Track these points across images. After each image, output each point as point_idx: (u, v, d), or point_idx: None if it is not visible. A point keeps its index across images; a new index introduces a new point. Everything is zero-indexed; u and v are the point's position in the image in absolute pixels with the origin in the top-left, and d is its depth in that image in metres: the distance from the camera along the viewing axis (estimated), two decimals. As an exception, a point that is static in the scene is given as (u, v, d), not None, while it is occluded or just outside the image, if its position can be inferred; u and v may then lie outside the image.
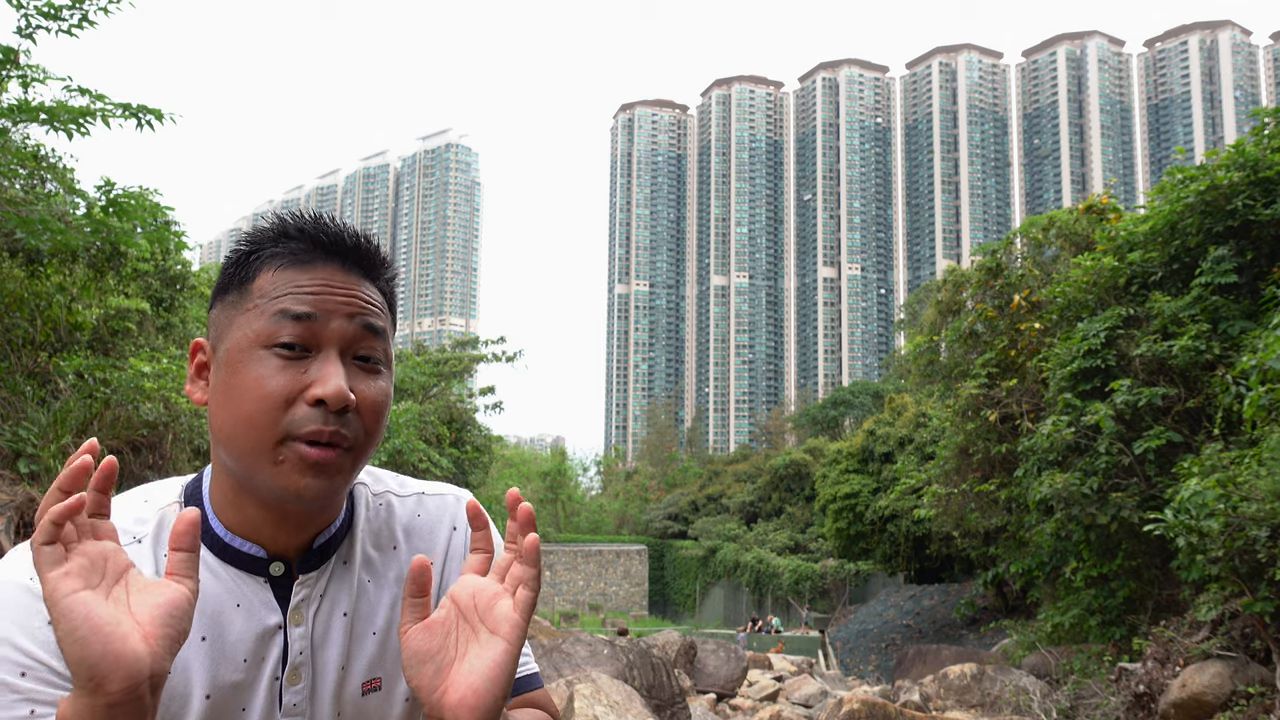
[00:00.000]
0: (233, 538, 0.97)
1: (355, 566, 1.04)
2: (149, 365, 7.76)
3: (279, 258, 0.95)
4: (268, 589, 0.98)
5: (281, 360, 0.91)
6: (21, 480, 6.00)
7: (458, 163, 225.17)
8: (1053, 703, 9.38)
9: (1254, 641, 7.01)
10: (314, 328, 0.93)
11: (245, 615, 0.96)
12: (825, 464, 31.26)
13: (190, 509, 0.79)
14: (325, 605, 1.01)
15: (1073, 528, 10.69)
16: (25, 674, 0.84)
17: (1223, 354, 9.43)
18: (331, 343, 0.93)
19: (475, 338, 31.86)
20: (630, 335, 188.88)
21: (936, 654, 16.36)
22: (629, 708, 6.62)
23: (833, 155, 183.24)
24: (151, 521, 0.97)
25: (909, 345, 26.20)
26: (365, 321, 0.95)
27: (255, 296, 0.94)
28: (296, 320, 0.92)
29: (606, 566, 47.87)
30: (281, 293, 0.93)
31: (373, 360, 0.96)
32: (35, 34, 6.25)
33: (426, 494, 1.12)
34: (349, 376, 0.93)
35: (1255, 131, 10.18)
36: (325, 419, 0.90)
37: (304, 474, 0.91)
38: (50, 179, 7.70)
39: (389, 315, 1.01)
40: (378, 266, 1.00)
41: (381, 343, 0.98)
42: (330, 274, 0.95)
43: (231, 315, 0.95)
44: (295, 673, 0.98)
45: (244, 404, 0.91)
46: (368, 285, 0.98)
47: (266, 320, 0.92)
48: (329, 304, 0.94)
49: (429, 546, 1.09)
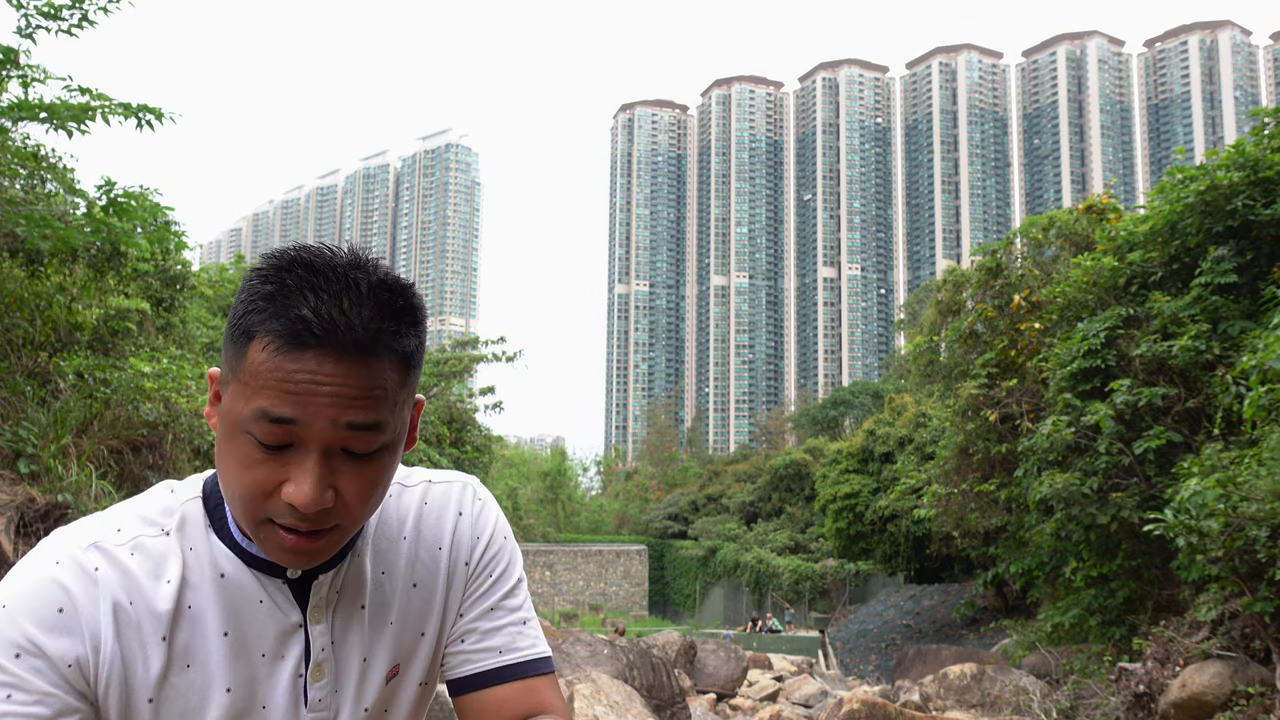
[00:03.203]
0: (250, 544, 0.97)
1: (368, 559, 1.05)
2: (149, 365, 7.76)
3: (270, 334, 0.86)
4: (286, 588, 0.99)
5: (262, 453, 0.87)
6: (21, 480, 6.00)
7: (458, 163, 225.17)
8: (1053, 703, 9.38)
9: (1254, 641, 7.01)
10: (294, 431, 0.86)
11: (267, 611, 0.97)
12: (825, 464, 31.27)
13: None
14: (343, 601, 1.02)
15: (1073, 528, 10.69)
16: (19, 655, 0.85)
17: (1222, 354, 9.43)
18: (313, 442, 0.87)
19: (475, 338, 31.88)
20: (630, 335, 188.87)
21: (936, 654, 16.36)
22: (629, 708, 6.63)
23: (833, 155, 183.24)
24: (177, 514, 0.97)
25: (909, 345, 26.22)
26: (349, 422, 0.87)
27: (247, 369, 0.87)
28: (274, 423, 0.86)
29: (606, 566, 47.88)
30: (266, 382, 0.86)
31: (360, 454, 0.90)
32: (35, 34, 6.25)
33: (433, 481, 1.12)
34: (333, 471, 0.89)
35: (1255, 132, 10.19)
36: (299, 518, 0.88)
37: (284, 554, 0.91)
38: (50, 179, 7.69)
39: (402, 383, 0.91)
40: (383, 343, 0.89)
41: (375, 435, 0.89)
42: (321, 361, 0.85)
43: (231, 371, 0.90)
44: (319, 669, 1.00)
45: (230, 477, 0.89)
46: (372, 364, 0.87)
47: (250, 409, 0.86)
48: (312, 406, 0.85)
49: (435, 534, 1.09)
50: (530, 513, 47.91)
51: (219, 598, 0.95)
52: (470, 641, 1.09)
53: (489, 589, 1.11)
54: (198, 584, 0.95)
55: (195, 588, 0.95)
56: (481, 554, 1.11)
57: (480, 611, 1.10)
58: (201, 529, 0.97)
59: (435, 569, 1.08)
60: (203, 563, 0.96)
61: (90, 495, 6.21)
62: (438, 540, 1.09)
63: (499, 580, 1.11)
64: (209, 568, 0.96)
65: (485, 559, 1.11)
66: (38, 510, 5.82)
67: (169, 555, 0.94)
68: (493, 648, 1.09)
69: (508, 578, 1.12)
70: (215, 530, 0.97)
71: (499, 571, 1.12)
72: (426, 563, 1.08)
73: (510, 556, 1.13)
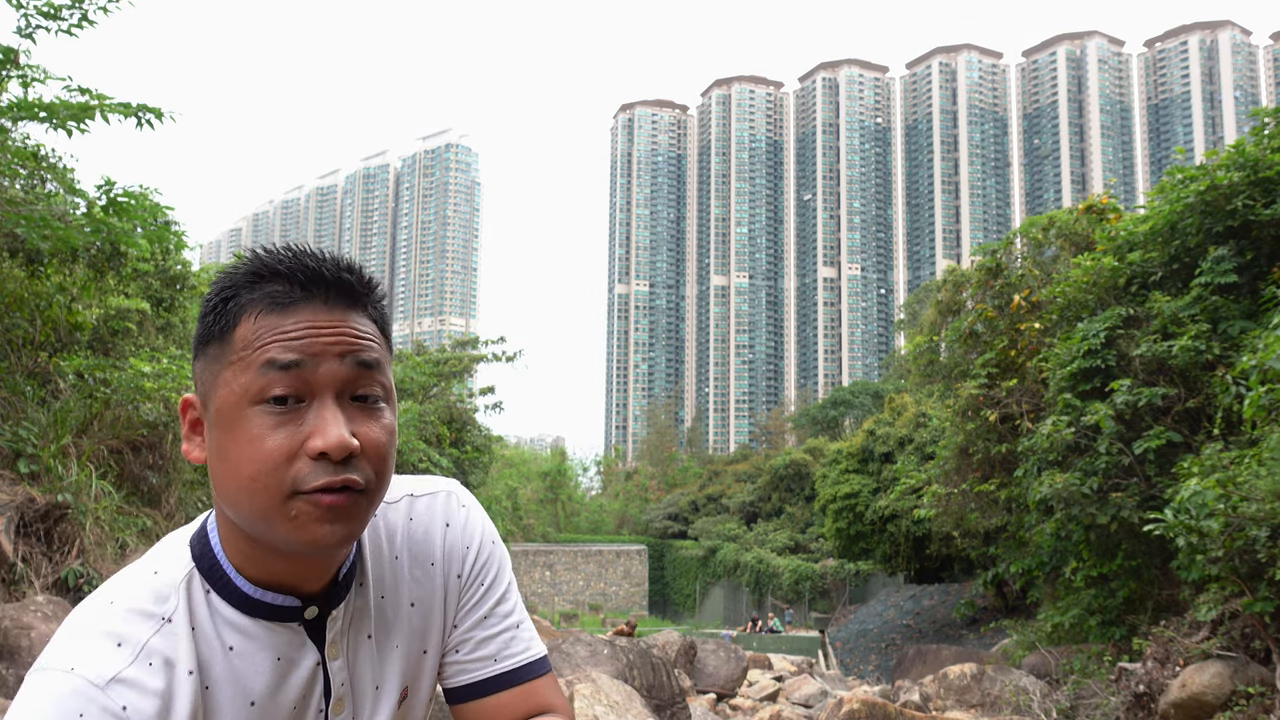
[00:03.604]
0: (263, 593, 0.94)
1: (369, 587, 1.04)
2: (149, 365, 7.76)
3: (257, 303, 0.88)
4: (302, 632, 0.97)
5: (275, 416, 0.86)
6: (21, 480, 6.00)
7: (458, 163, 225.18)
8: (1053, 703, 9.38)
9: (1254, 641, 7.01)
10: (304, 375, 0.86)
11: (286, 665, 0.95)
12: (825, 464, 31.26)
13: None
14: (353, 632, 1.01)
15: (1073, 528, 10.69)
16: None
17: (1223, 354, 9.43)
18: (325, 388, 0.87)
19: (475, 338, 31.88)
20: (630, 335, 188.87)
21: (936, 654, 16.36)
22: (629, 708, 6.63)
23: (833, 155, 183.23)
24: (171, 597, 0.92)
25: (909, 345, 26.22)
26: (358, 359, 0.89)
27: (238, 348, 0.88)
28: (284, 370, 0.86)
29: (606, 566, 47.87)
30: (265, 341, 0.87)
31: (372, 398, 0.90)
32: (35, 34, 6.25)
33: (415, 494, 1.10)
34: (349, 420, 0.88)
35: (1255, 131, 10.18)
36: (332, 470, 0.86)
37: (320, 522, 0.87)
38: (50, 179, 7.69)
39: (384, 343, 0.95)
40: (364, 294, 0.93)
41: (378, 376, 0.91)
42: (314, 313, 0.88)
43: (216, 370, 0.89)
44: (339, 703, 0.99)
45: (243, 465, 0.86)
46: (356, 316, 0.91)
47: (253, 374, 0.86)
48: (316, 347, 0.87)
49: (426, 550, 1.08)
50: (530, 513, 47.89)
51: (232, 673, 0.92)
52: (465, 651, 1.09)
53: (481, 598, 1.10)
54: (210, 665, 0.91)
55: (209, 668, 0.91)
56: (472, 564, 1.10)
57: (474, 621, 1.10)
58: (201, 597, 0.93)
59: (430, 585, 1.08)
60: (210, 641, 0.92)
61: (90, 495, 6.21)
62: (429, 556, 1.08)
63: (490, 588, 1.11)
64: (217, 644, 0.92)
65: (476, 569, 1.10)
66: (38, 510, 5.82)
67: (179, 646, 0.90)
68: (487, 656, 1.09)
69: (498, 584, 1.12)
70: (218, 590, 0.94)
71: (490, 579, 1.11)
72: (420, 580, 1.07)
73: (499, 562, 1.13)
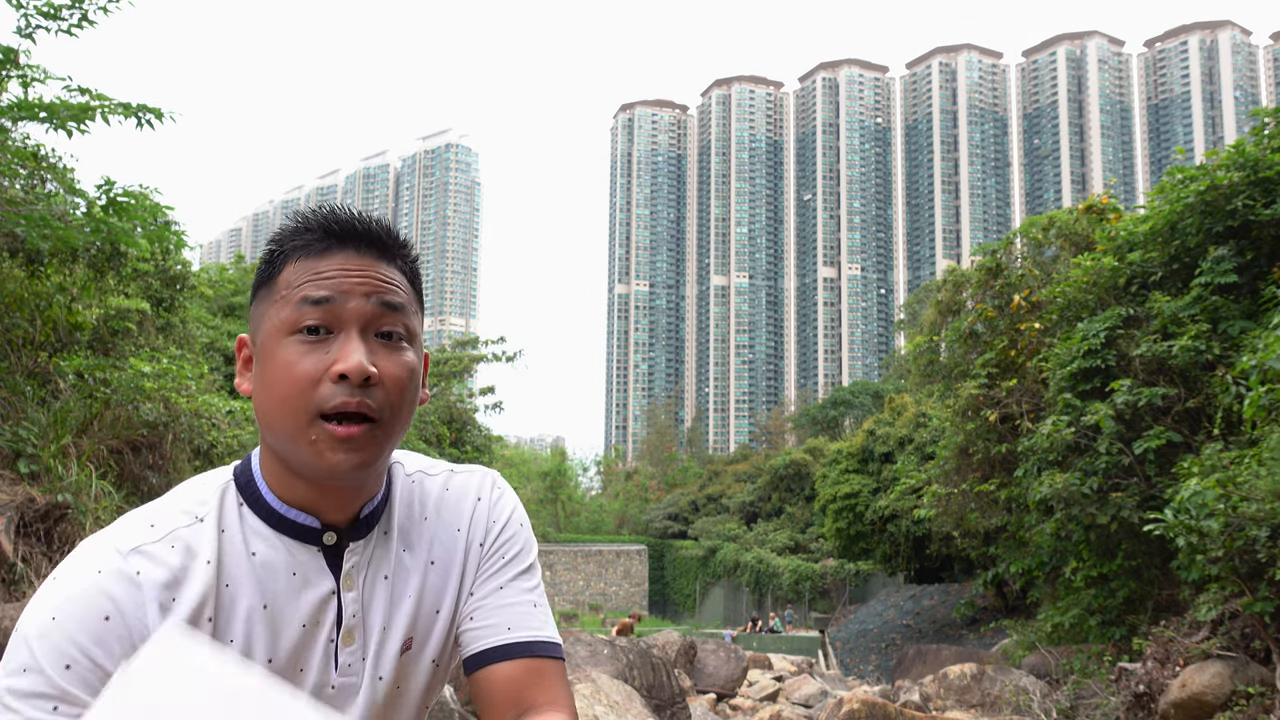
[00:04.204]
0: (288, 509, 1.03)
1: (393, 536, 1.11)
2: (149, 365, 7.76)
3: (299, 250, 1.01)
4: (320, 556, 1.04)
5: (307, 344, 0.97)
6: (21, 480, 6.00)
7: (458, 163, 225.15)
8: (1052, 702, 9.38)
9: (1254, 641, 7.02)
10: (333, 309, 0.98)
11: (302, 582, 1.03)
12: (825, 464, 31.26)
13: None
14: (370, 571, 1.08)
15: (1073, 528, 10.69)
16: (69, 667, 0.86)
17: (1222, 354, 9.43)
18: (351, 322, 0.99)
19: (475, 338, 31.91)
20: (630, 335, 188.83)
21: (936, 654, 16.36)
22: (629, 708, 6.63)
23: (833, 155, 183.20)
24: (210, 500, 1.02)
25: (909, 345, 26.22)
26: (382, 299, 1.00)
27: (281, 289, 1.00)
28: (316, 305, 0.98)
29: (606, 566, 47.86)
30: (302, 280, 0.99)
31: (395, 336, 1.01)
32: (35, 34, 6.25)
33: (455, 472, 1.20)
34: (371, 352, 0.98)
35: (1255, 131, 10.18)
36: (349, 392, 0.96)
37: (335, 450, 0.96)
38: (50, 179, 7.69)
39: (413, 293, 1.06)
40: (394, 248, 1.05)
41: (402, 317, 1.02)
42: (346, 259, 1.01)
43: (264, 309, 1.02)
44: (349, 634, 1.05)
45: (277, 387, 0.97)
46: (385, 266, 1.03)
47: (291, 309, 0.98)
48: (345, 285, 0.99)
49: (455, 517, 1.16)
50: (530, 512, 47.62)
51: (253, 575, 1.00)
52: (479, 618, 1.12)
53: (501, 569, 1.14)
54: (232, 564, 0.99)
55: (230, 567, 0.99)
56: (497, 536, 1.16)
57: (490, 589, 1.13)
58: (234, 507, 1.03)
59: (453, 549, 1.14)
60: (235, 543, 1.01)
61: (90, 495, 6.21)
62: (457, 523, 1.15)
63: (511, 562, 1.15)
64: (241, 547, 1.01)
65: (500, 541, 1.15)
66: (38, 510, 5.82)
67: (204, 541, 0.99)
68: (501, 624, 1.11)
69: (520, 560, 1.16)
70: (249, 504, 1.03)
71: (512, 554, 1.15)
72: (445, 543, 1.14)
73: (525, 543, 1.18)
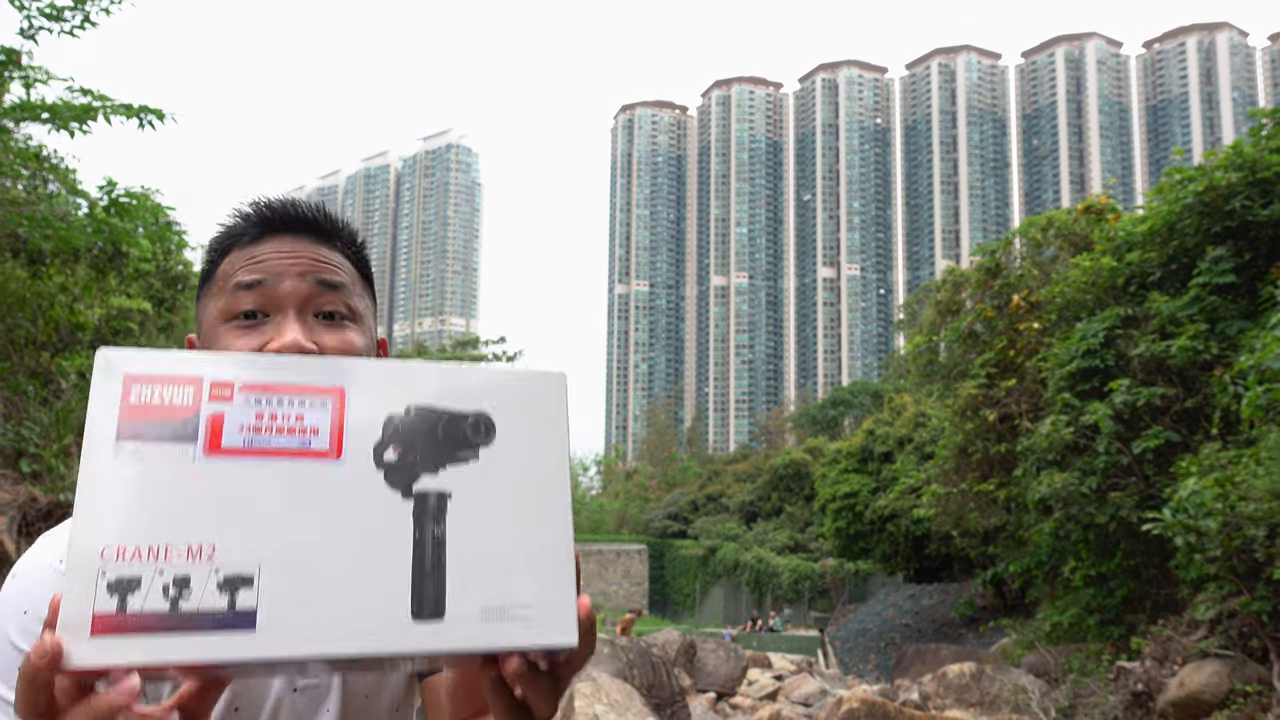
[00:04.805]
0: None
1: None
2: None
3: (235, 242, 1.00)
4: None
5: (242, 329, 0.96)
6: (24, 480, 6.02)
7: (458, 163, 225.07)
8: (1051, 701, 9.40)
9: (1251, 640, 7.04)
10: (267, 291, 0.96)
11: None
12: (825, 464, 31.28)
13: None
14: None
15: (1071, 527, 10.71)
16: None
17: (1221, 354, 9.45)
18: (287, 303, 0.96)
19: (476, 338, 31.96)
20: (630, 335, 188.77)
21: (935, 653, 16.38)
22: (629, 706, 6.65)
23: (832, 156, 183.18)
24: None
25: (908, 345, 26.21)
26: (319, 278, 0.98)
27: (219, 281, 0.99)
28: (249, 289, 0.96)
29: (606, 566, 47.86)
30: (237, 268, 0.98)
31: (337, 315, 0.99)
32: (37, 35, 6.27)
33: None
34: (310, 331, 0.96)
35: (1253, 132, 10.21)
36: None
37: None
38: (52, 179, 7.71)
39: (357, 274, 1.04)
40: (332, 231, 1.03)
41: (342, 297, 1.00)
42: (280, 243, 0.99)
43: (205, 303, 1.01)
44: None
45: None
46: (324, 248, 1.01)
47: (226, 296, 0.97)
48: (278, 268, 0.97)
49: None
50: (530, 513, 47.69)
51: None
52: None
53: None
54: None
55: None
56: None
57: None
58: None
59: None
60: None
61: (92, 494, 6.22)
62: None
63: None
64: None
65: None
66: (40, 510, 5.84)
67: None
68: None
69: None
70: None
71: None
72: None
73: None
